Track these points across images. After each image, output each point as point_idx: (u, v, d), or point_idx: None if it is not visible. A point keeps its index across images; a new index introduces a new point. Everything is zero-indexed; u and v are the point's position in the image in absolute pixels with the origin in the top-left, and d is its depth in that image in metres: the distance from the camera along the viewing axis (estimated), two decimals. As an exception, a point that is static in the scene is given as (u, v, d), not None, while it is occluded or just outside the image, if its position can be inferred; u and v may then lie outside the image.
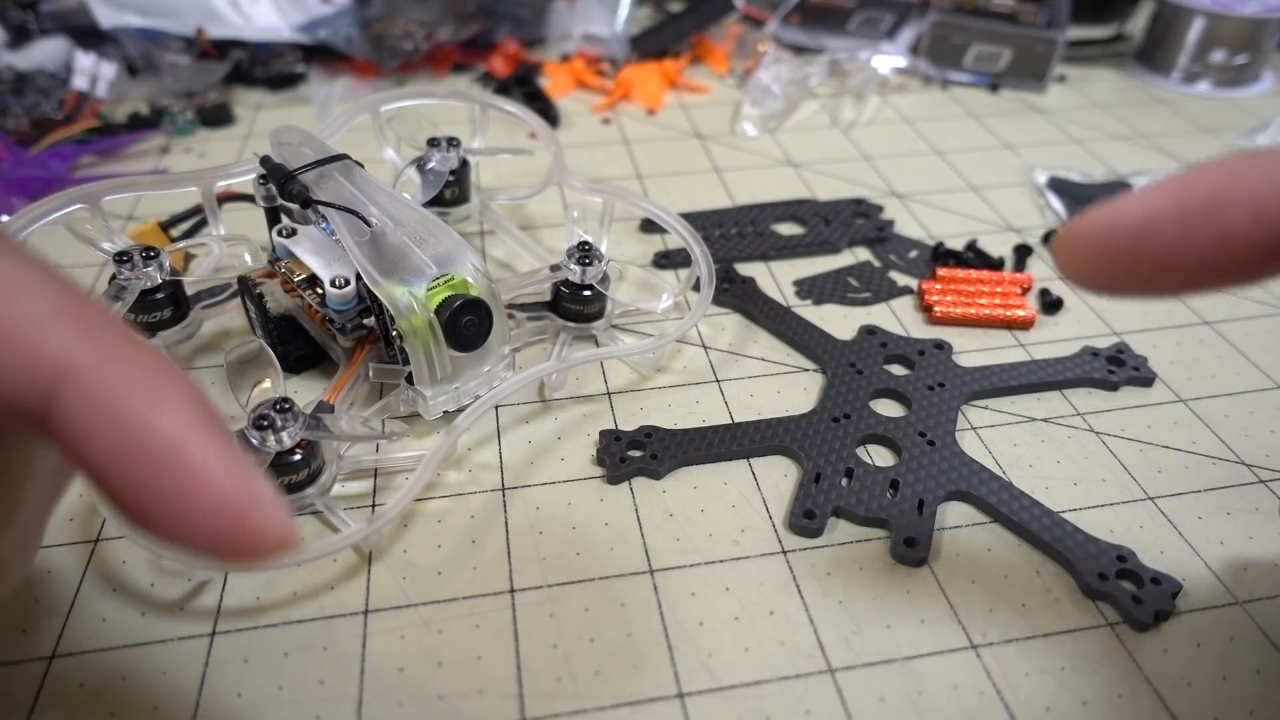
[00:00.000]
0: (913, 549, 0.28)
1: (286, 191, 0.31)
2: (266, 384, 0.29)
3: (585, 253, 0.35)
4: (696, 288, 0.36)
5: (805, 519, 0.29)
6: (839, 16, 0.67)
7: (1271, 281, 0.18)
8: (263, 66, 0.58)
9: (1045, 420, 0.34)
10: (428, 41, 0.59)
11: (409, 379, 0.31)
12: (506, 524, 0.30)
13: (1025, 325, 0.39)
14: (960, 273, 0.41)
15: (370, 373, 0.33)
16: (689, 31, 0.64)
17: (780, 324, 0.38)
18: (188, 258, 0.39)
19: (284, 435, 0.27)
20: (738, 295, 0.40)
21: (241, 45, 0.59)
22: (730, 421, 0.34)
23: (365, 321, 0.32)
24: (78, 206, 0.34)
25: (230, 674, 0.25)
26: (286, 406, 0.28)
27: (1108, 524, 0.30)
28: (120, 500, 0.15)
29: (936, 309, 0.39)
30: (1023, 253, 0.43)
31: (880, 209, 0.46)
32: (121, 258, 0.32)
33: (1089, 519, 0.30)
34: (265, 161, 0.33)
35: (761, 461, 0.32)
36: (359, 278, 0.31)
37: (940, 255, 0.43)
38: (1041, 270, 0.43)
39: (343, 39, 0.59)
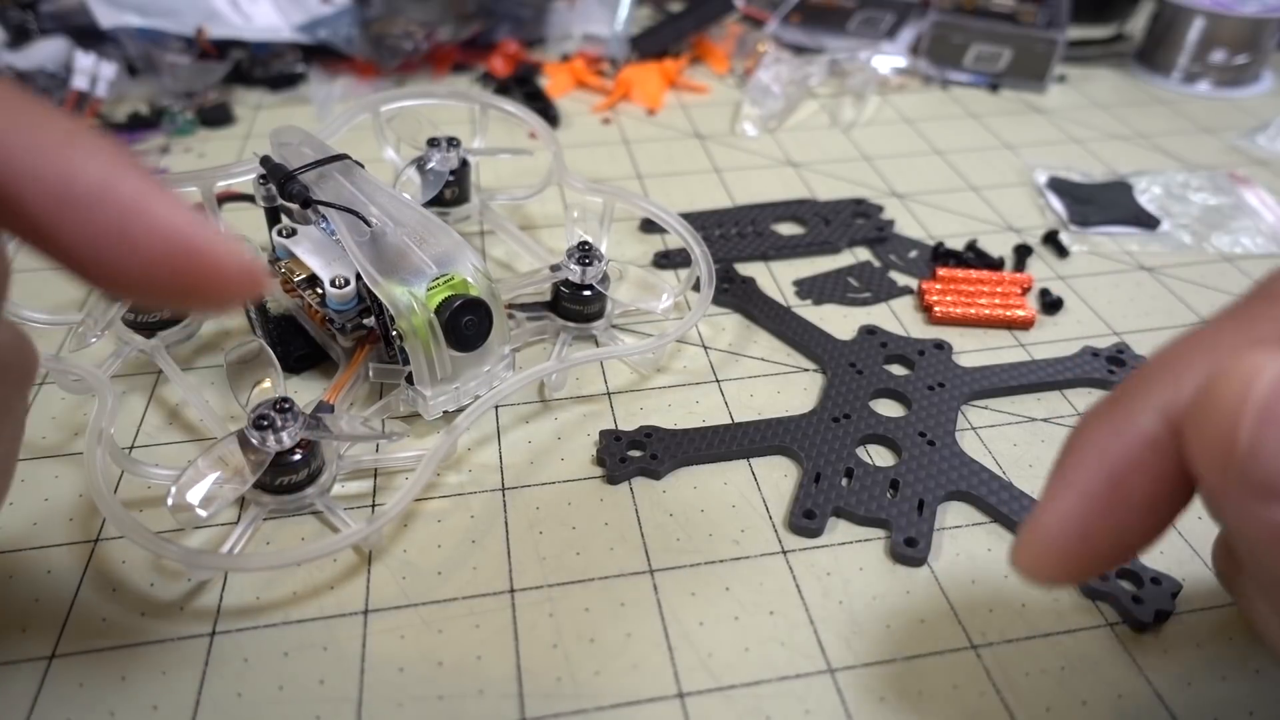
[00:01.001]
0: (913, 549, 0.28)
1: (286, 191, 0.31)
2: (266, 384, 0.29)
3: (585, 253, 0.35)
4: (696, 288, 0.36)
5: (805, 519, 0.29)
6: (839, 16, 0.67)
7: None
8: (263, 66, 0.58)
9: (1045, 420, 0.34)
10: (428, 41, 0.59)
11: (409, 379, 0.31)
12: (506, 524, 0.30)
13: (1025, 325, 0.39)
14: (960, 273, 0.41)
15: (370, 373, 0.33)
16: (689, 31, 0.64)
17: (780, 324, 0.38)
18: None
19: (284, 435, 0.27)
20: (738, 295, 0.40)
21: (241, 45, 0.59)
22: (730, 421, 0.34)
23: (365, 321, 0.32)
24: (78, 206, 0.33)
25: (230, 674, 0.25)
26: (286, 406, 0.28)
27: (1108, 524, 0.30)
28: (64, 253, 0.16)
29: (936, 309, 0.39)
30: (1023, 253, 0.43)
31: (880, 209, 0.46)
32: (121, 258, 0.32)
33: (1089, 519, 0.30)
34: (265, 161, 0.33)
35: (761, 461, 0.32)
36: (359, 278, 0.31)
37: (940, 255, 0.43)
38: (1041, 270, 0.43)
39: (343, 39, 0.59)
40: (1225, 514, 0.18)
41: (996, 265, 0.42)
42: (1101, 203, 0.47)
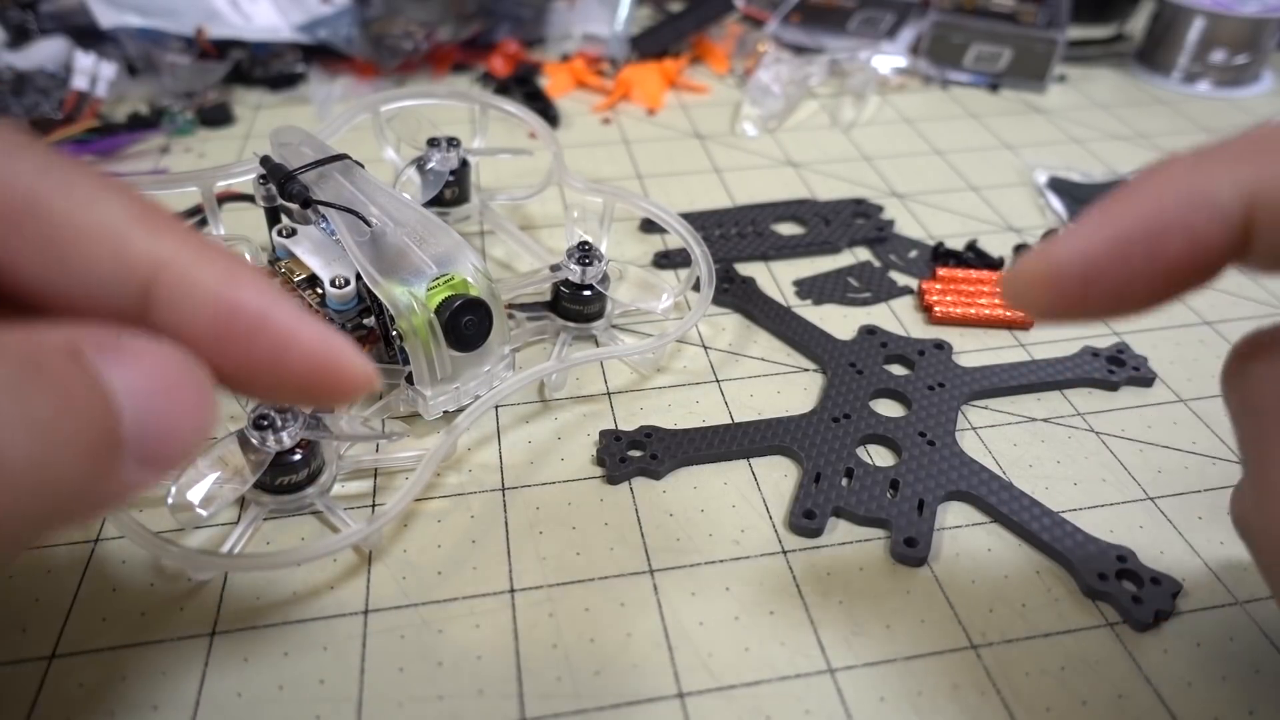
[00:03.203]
0: (913, 549, 0.28)
1: (286, 191, 0.31)
2: (266, 384, 0.29)
3: (585, 253, 0.35)
4: (696, 288, 0.36)
5: (805, 519, 0.29)
6: (839, 16, 0.67)
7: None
8: (263, 66, 0.58)
9: (1045, 420, 0.34)
10: (428, 41, 0.59)
11: (409, 379, 0.31)
12: (506, 524, 0.30)
13: (1025, 325, 0.39)
14: (960, 273, 0.41)
15: (370, 373, 0.33)
16: (689, 31, 0.64)
17: (780, 324, 0.38)
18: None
19: (284, 435, 0.27)
20: (738, 295, 0.40)
21: (241, 45, 0.59)
22: (730, 421, 0.34)
23: (365, 321, 0.32)
24: (78, 206, 0.33)
25: (230, 674, 0.25)
26: (286, 406, 0.28)
27: (1108, 524, 0.30)
28: (224, 371, 0.17)
29: (936, 309, 0.39)
30: (1023, 253, 0.43)
31: (880, 209, 0.46)
32: (121, 258, 0.32)
33: (1089, 519, 0.30)
34: (265, 161, 0.33)
35: (761, 461, 0.32)
36: (359, 278, 0.31)
37: (940, 255, 0.43)
38: (1041, 270, 0.43)
39: (343, 39, 0.59)
40: None
41: (996, 265, 0.42)
42: (1101, 203, 0.47)
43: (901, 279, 0.42)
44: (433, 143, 0.40)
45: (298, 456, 0.28)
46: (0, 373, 0.14)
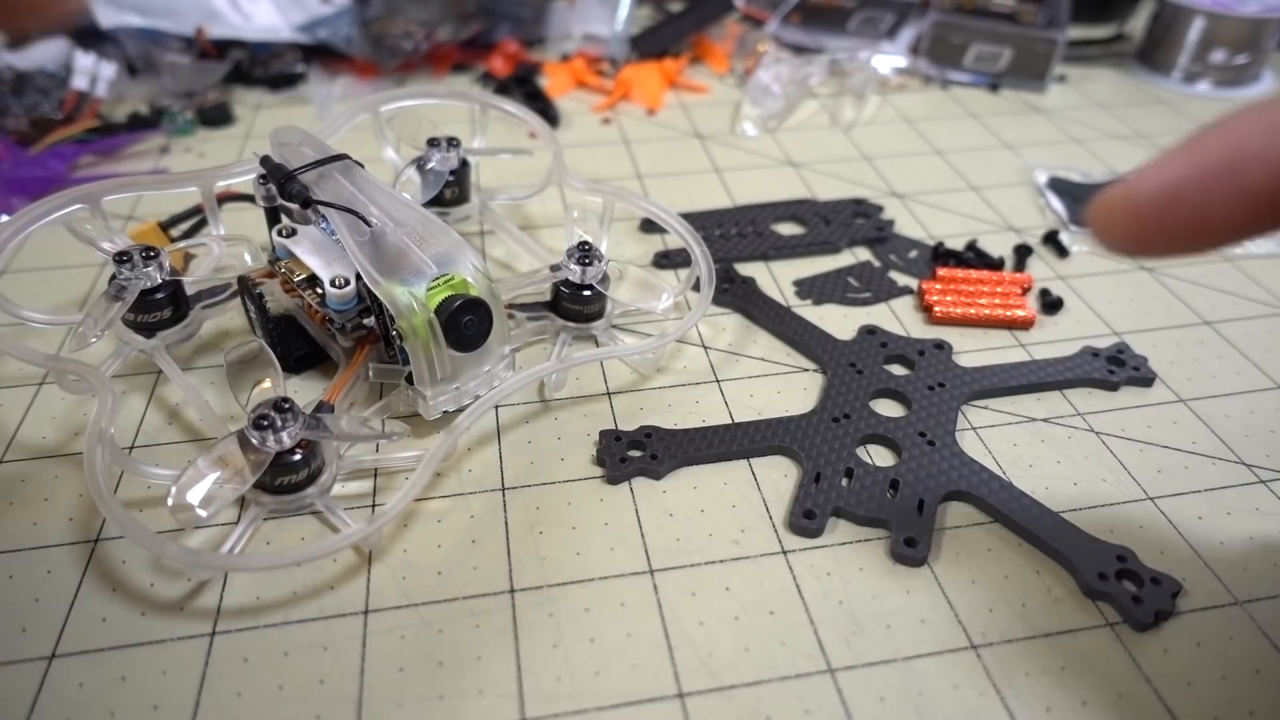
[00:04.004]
0: (913, 549, 0.28)
1: (286, 191, 0.31)
2: (266, 384, 0.29)
3: (585, 253, 0.35)
4: (696, 288, 0.36)
5: (805, 519, 0.29)
6: (839, 16, 0.67)
7: None
8: (263, 66, 0.58)
9: (1045, 420, 0.34)
10: (428, 41, 0.59)
11: (409, 379, 0.31)
12: (506, 524, 0.30)
13: (1025, 325, 0.39)
14: (960, 273, 0.41)
15: (370, 373, 0.33)
16: (689, 31, 0.64)
17: (780, 324, 0.38)
18: (188, 258, 0.39)
19: (284, 435, 0.27)
20: (738, 295, 0.40)
21: (241, 45, 0.59)
22: (730, 421, 0.34)
23: (365, 321, 0.32)
24: (78, 206, 0.34)
25: (230, 674, 0.25)
26: (286, 406, 0.28)
27: (1108, 524, 0.30)
28: None
29: (936, 309, 0.39)
30: (1023, 253, 0.43)
31: (880, 209, 0.46)
32: (121, 258, 0.32)
33: (1089, 519, 0.30)
34: (265, 161, 0.33)
35: (761, 461, 0.32)
36: (359, 278, 0.31)
37: (940, 255, 0.43)
38: (1041, 270, 0.43)
39: (343, 39, 0.59)
40: None
41: (996, 265, 0.42)
42: (1101, 203, 0.47)
43: (901, 279, 0.42)
44: (433, 143, 0.40)
45: (298, 456, 0.28)
46: None
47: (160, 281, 0.33)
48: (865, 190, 0.49)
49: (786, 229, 0.45)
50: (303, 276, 0.33)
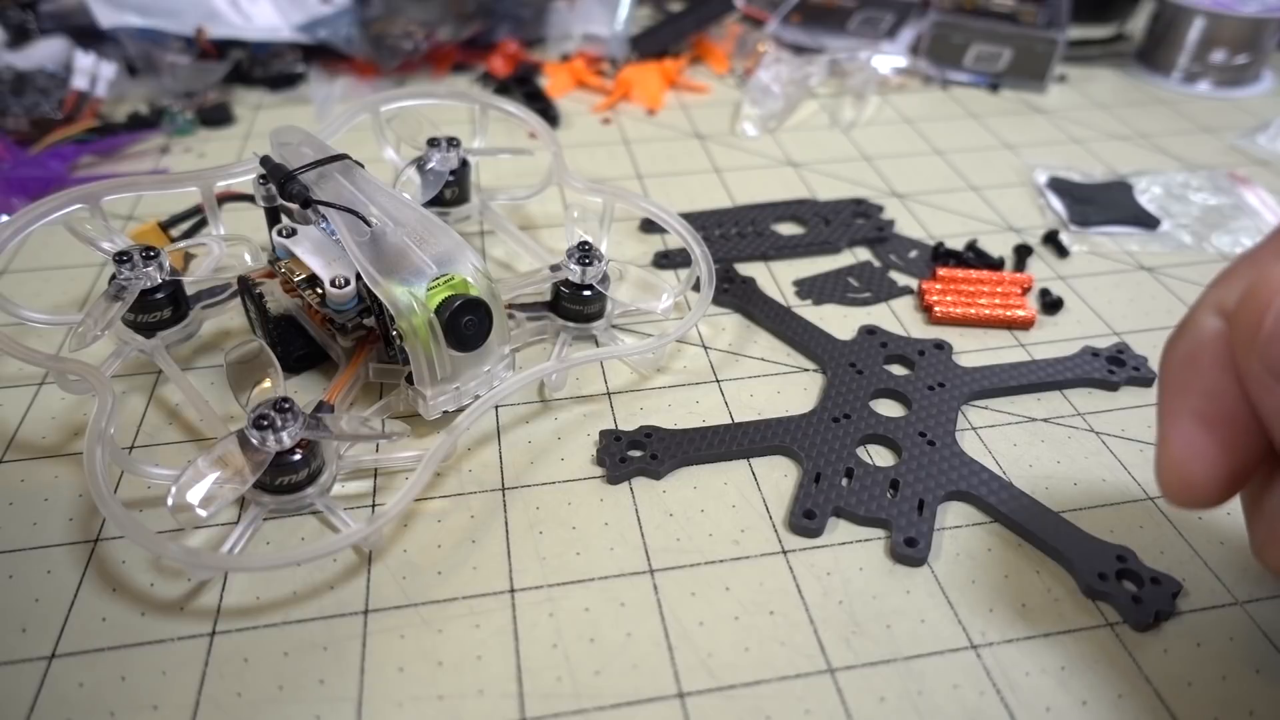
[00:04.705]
0: (913, 549, 0.28)
1: (286, 191, 0.31)
2: (266, 384, 0.29)
3: (585, 253, 0.35)
4: (696, 288, 0.36)
5: (805, 519, 0.29)
6: (839, 16, 0.67)
7: None
8: (263, 66, 0.58)
9: (1045, 420, 0.34)
10: (428, 41, 0.59)
11: (409, 379, 0.31)
12: (506, 524, 0.30)
13: (1025, 325, 0.39)
14: (960, 273, 0.41)
15: (370, 373, 0.33)
16: (689, 31, 0.64)
17: (780, 324, 0.38)
18: (188, 258, 0.39)
19: (284, 435, 0.27)
20: (738, 295, 0.40)
21: (241, 45, 0.59)
22: (730, 421, 0.34)
23: (365, 321, 0.32)
24: (78, 206, 0.34)
25: (230, 674, 0.25)
26: (286, 406, 0.28)
27: (1108, 524, 0.30)
28: None
29: (936, 309, 0.39)
30: (1023, 253, 0.43)
31: (880, 209, 0.46)
32: (121, 258, 0.32)
33: (1089, 519, 0.30)
34: (265, 161, 0.33)
35: (761, 461, 0.32)
36: (359, 278, 0.31)
37: (940, 255, 0.43)
38: (1042, 270, 0.43)
39: (343, 39, 0.59)
40: (1252, 391, 0.21)
41: (997, 265, 0.42)
42: (1101, 203, 0.47)
43: (901, 279, 0.42)
44: (433, 143, 0.40)
45: (298, 456, 0.28)
46: None
47: (160, 281, 0.33)
48: (865, 190, 0.49)
49: (786, 229, 0.45)
50: (303, 276, 0.33)
